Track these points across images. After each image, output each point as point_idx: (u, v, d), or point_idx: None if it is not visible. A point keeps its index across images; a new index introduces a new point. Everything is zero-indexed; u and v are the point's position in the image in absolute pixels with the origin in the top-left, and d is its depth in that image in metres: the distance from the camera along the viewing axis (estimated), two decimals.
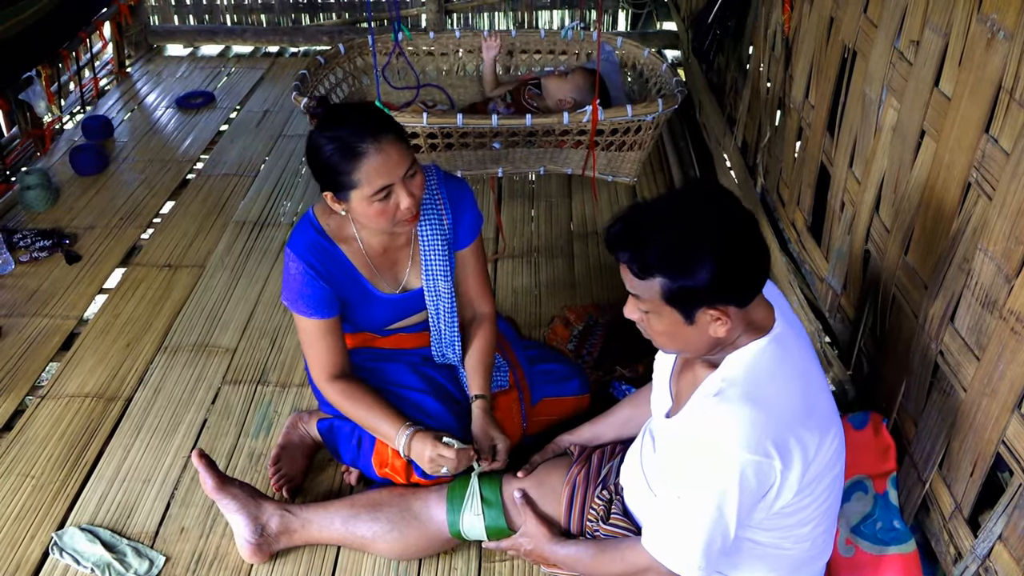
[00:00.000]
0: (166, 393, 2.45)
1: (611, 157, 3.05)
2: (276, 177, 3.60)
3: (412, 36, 3.56)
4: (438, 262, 1.96)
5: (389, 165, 1.71)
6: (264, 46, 5.06)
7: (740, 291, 1.36)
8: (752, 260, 1.36)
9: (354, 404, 1.89)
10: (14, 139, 3.78)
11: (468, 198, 2.01)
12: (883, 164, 1.99)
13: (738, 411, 1.35)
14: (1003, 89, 1.48)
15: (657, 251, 1.32)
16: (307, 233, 1.88)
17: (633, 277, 1.36)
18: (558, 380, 2.18)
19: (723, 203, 1.37)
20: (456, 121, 2.72)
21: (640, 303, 1.40)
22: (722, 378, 1.41)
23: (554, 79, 3.21)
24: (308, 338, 1.92)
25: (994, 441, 1.52)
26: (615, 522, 1.71)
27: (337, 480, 2.17)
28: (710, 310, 1.34)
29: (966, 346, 1.61)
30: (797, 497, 1.40)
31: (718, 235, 1.31)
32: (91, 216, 3.32)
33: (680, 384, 1.57)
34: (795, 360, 1.44)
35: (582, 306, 2.78)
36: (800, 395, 1.40)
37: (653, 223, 1.35)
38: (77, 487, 2.16)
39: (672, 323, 1.38)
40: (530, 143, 2.98)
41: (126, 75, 4.63)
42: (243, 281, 2.94)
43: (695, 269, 1.30)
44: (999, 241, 1.49)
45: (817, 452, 1.39)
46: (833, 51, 2.34)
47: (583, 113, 2.75)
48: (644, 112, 2.77)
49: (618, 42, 3.54)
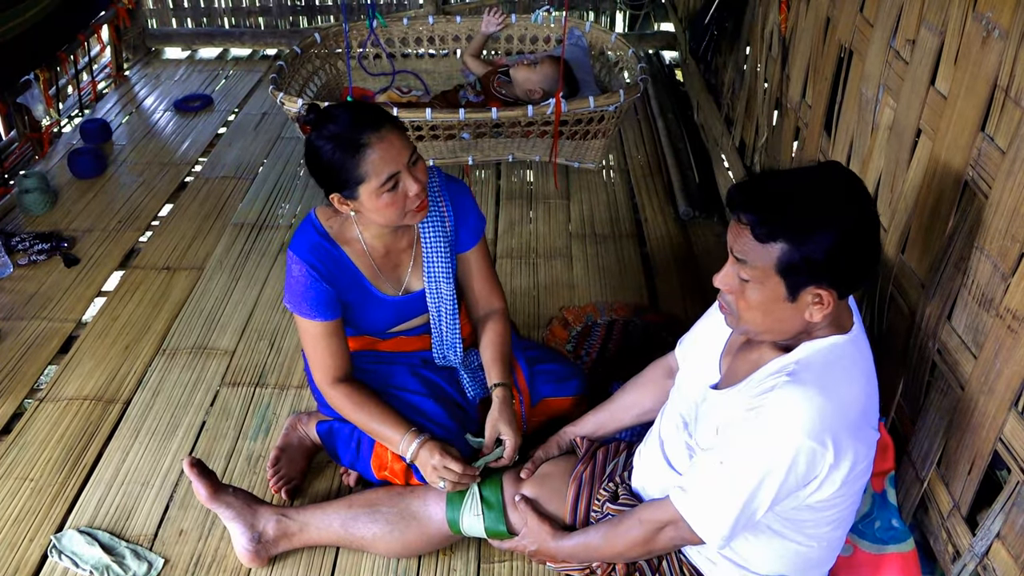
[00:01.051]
0: (165, 395, 2.45)
1: (576, 145, 3.15)
2: (274, 179, 3.60)
3: (387, 23, 3.61)
4: (440, 263, 1.96)
5: (393, 152, 1.71)
6: (262, 49, 5.06)
7: (852, 276, 1.36)
8: (870, 247, 1.36)
9: (357, 409, 1.89)
10: (12, 143, 3.78)
11: (469, 200, 2.01)
12: (880, 163, 2.00)
13: (810, 395, 1.34)
14: (999, 87, 1.48)
15: (786, 216, 1.31)
16: (309, 235, 1.87)
17: (751, 240, 1.34)
18: (557, 380, 2.18)
19: (852, 186, 1.37)
20: (425, 115, 2.81)
21: (745, 270, 1.37)
22: (796, 361, 1.41)
23: (523, 69, 3.26)
24: (311, 341, 1.91)
25: (992, 439, 1.52)
26: (624, 502, 1.71)
27: (336, 482, 2.17)
28: (817, 289, 1.34)
29: (963, 344, 1.61)
30: (834, 494, 1.40)
31: (848, 211, 1.32)
32: (89, 219, 3.32)
33: (737, 360, 1.55)
34: (867, 363, 1.45)
35: (580, 307, 2.78)
36: (864, 399, 1.41)
37: (784, 190, 1.34)
38: (76, 489, 2.16)
39: (773, 297, 1.37)
40: (498, 133, 3.06)
41: (124, 78, 4.64)
42: (241, 283, 2.94)
43: (820, 240, 1.30)
44: (995, 239, 1.49)
45: (864, 457, 1.40)
46: (830, 51, 2.34)
47: (547, 106, 2.85)
48: (606, 103, 2.86)
49: (587, 27, 3.60)
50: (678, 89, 4.42)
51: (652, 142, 3.85)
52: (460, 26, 3.75)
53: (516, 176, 3.58)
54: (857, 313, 1.50)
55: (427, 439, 1.82)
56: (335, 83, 3.68)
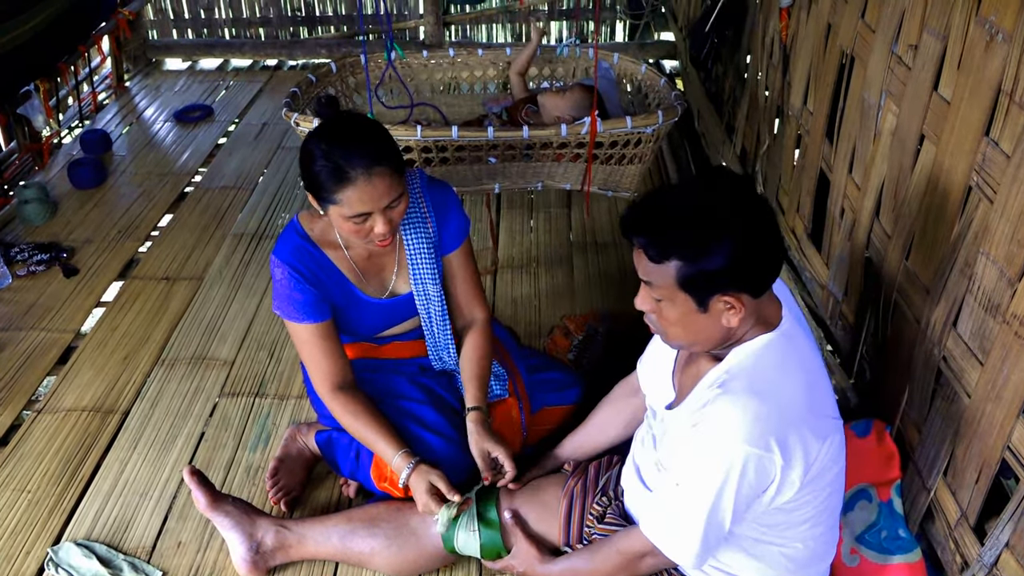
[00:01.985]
0: (163, 406, 2.43)
1: (610, 171, 3.00)
2: (274, 189, 3.59)
3: (405, 55, 3.54)
4: (425, 267, 1.96)
5: (374, 197, 1.70)
6: (262, 59, 5.07)
7: (756, 277, 1.36)
8: (768, 245, 1.35)
9: (356, 420, 1.87)
10: (12, 154, 3.78)
11: (453, 202, 2.00)
12: (883, 169, 1.98)
13: (741, 403, 1.34)
14: (1003, 92, 1.47)
15: (673, 233, 1.32)
16: (291, 239, 1.87)
17: (648, 262, 1.35)
18: (558, 389, 2.17)
19: (739, 188, 1.37)
20: (451, 134, 2.68)
21: (653, 290, 1.39)
22: (726, 370, 1.40)
23: (551, 96, 3.16)
24: (304, 345, 1.90)
25: (999, 447, 1.50)
26: (610, 521, 1.70)
27: (336, 493, 2.15)
28: (724, 296, 1.33)
29: (969, 351, 1.59)
30: (797, 494, 1.39)
31: (735, 218, 1.31)
32: (89, 230, 3.31)
33: (684, 377, 1.56)
34: (801, 356, 1.44)
35: (582, 315, 2.76)
36: (804, 392, 1.39)
37: (669, 207, 1.35)
38: (73, 501, 2.14)
39: (685, 311, 1.37)
40: (527, 156, 2.93)
41: (125, 89, 4.64)
42: (241, 293, 2.92)
43: (712, 251, 1.30)
44: (1001, 245, 1.48)
45: (819, 451, 1.38)
46: (831, 57, 2.33)
47: (581, 124, 2.71)
48: (644, 124, 2.71)
49: (614, 58, 3.49)
50: None
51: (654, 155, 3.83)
52: (482, 59, 3.63)
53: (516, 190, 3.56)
54: (789, 301, 1.49)
55: (417, 464, 1.80)
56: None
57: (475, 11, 5.21)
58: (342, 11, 5.24)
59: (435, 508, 1.76)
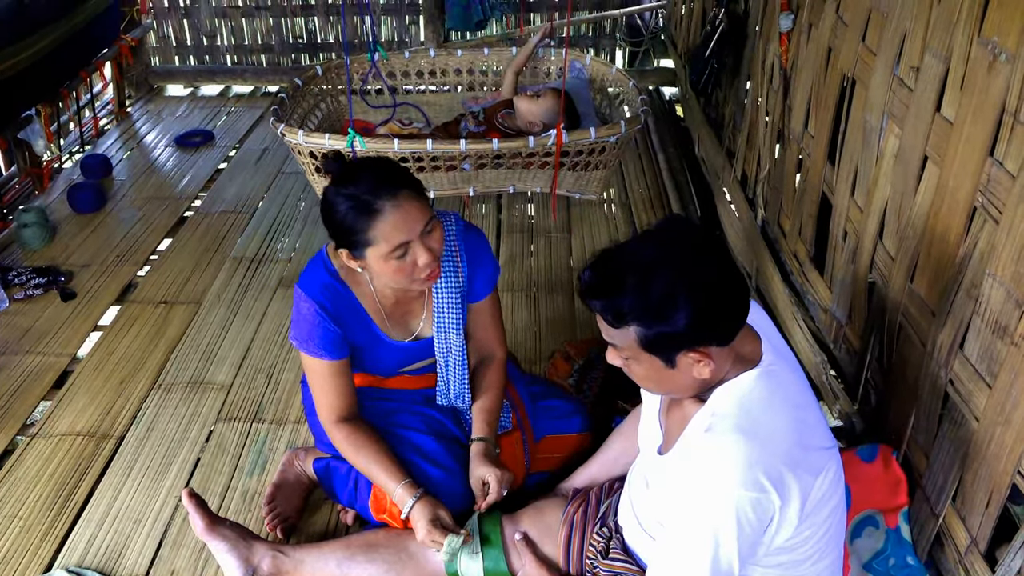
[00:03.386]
0: (159, 431, 2.40)
1: (577, 176, 3.17)
2: (274, 214, 3.59)
3: (388, 56, 3.66)
4: (451, 315, 1.92)
5: (407, 222, 1.67)
6: (264, 86, 5.10)
7: (719, 331, 1.32)
8: (728, 298, 1.31)
9: (356, 451, 1.85)
10: (12, 178, 3.78)
11: (486, 250, 1.97)
12: (885, 192, 1.97)
13: (729, 445, 1.30)
14: (1007, 112, 1.47)
15: (629, 298, 1.28)
16: (320, 273, 1.84)
17: (608, 326, 1.33)
18: (561, 417, 2.13)
19: (696, 243, 1.33)
20: (426, 146, 2.84)
21: (618, 351, 1.36)
22: (712, 412, 1.36)
23: (525, 100, 3.29)
24: (317, 380, 1.87)
25: (1009, 472, 1.47)
26: (615, 556, 1.66)
27: (333, 520, 2.12)
28: (691, 353, 1.30)
29: (977, 374, 1.57)
30: (796, 531, 1.35)
31: (691, 276, 1.27)
32: (87, 254, 3.30)
33: (670, 420, 1.53)
34: (787, 390, 1.40)
35: (583, 340, 2.74)
36: (794, 426, 1.35)
37: (623, 269, 1.31)
38: (66, 528, 2.10)
39: (653, 368, 1.34)
40: (499, 164, 3.07)
41: (126, 115, 4.65)
42: (239, 317, 2.90)
43: (669, 314, 1.26)
44: (1008, 265, 1.46)
45: (814, 485, 1.34)
46: (832, 81, 2.33)
47: (548, 137, 2.88)
48: (608, 134, 2.89)
49: (587, 60, 3.65)
50: (679, 124, 4.43)
51: (653, 176, 3.84)
52: (461, 59, 3.79)
53: (517, 210, 3.57)
54: (767, 330, 1.45)
55: (421, 496, 1.77)
56: (336, 115, 3.70)
57: (475, 39, 5.24)
58: (343, 38, 5.26)
59: (439, 539, 1.72)
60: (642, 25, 5.16)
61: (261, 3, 5.08)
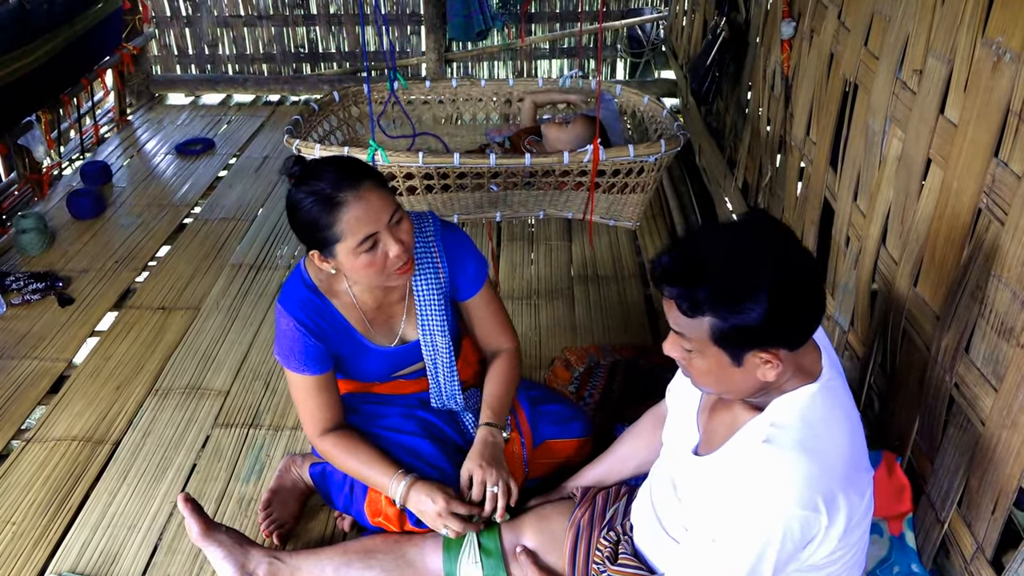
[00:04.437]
0: (156, 436, 2.38)
1: (612, 200, 2.98)
2: (274, 221, 3.57)
3: (408, 85, 3.54)
4: (434, 316, 1.91)
5: (371, 212, 1.66)
6: (265, 95, 5.10)
7: (795, 332, 1.28)
8: (808, 301, 1.28)
9: (346, 455, 1.83)
10: (11, 184, 3.77)
11: (467, 246, 1.95)
12: (888, 196, 1.96)
13: (792, 462, 1.27)
14: (1011, 112, 1.45)
15: (709, 288, 1.24)
16: (298, 289, 1.83)
17: (680, 315, 1.28)
18: (561, 422, 2.11)
19: (780, 238, 1.29)
20: (453, 160, 2.67)
21: (685, 341, 1.32)
22: (771, 423, 1.33)
23: (554, 127, 3.14)
24: (300, 394, 1.86)
25: (1016, 476, 1.45)
26: (624, 562, 1.63)
27: (330, 526, 2.09)
28: (761, 352, 1.27)
29: (982, 377, 1.55)
30: (832, 550, 1.33)
31: (774, 273, 1.23)
32: (86, 259, 3.29)
33: (713, 421, 1.49)
34: (845, 408, 1.37)
35: (583, 347, 2.72)
36: (849, 446, 1.32)
37: (705, 257, 1.27)
38: (59, 534, 2.08)
39: (718, 364, 1.31)
40: (529, 184, 2.92)
41: (127, 123, 4.65)
42: (238, 323, 2.88)
43: (748, 309, 1.22)
44: (1013, 267, 1.44)
45: (859, 506, 1.32)
46: (834, 86, 2.32)
47: (584, 152, 2.70)
48: (647, 153, 2.70)
49: (617, 90, 3.49)
50: None
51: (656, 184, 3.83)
52: (484, 89, 3.64)
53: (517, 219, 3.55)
54: (826, 346, 1.42)
55: (415, 480, 1.75)
56: (354, 143, 3.61)
57: (476, 49, 5.26)
58: (344, 48, 5.28)
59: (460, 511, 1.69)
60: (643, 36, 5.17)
61: (263, 13, 5.10)
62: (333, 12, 5.11)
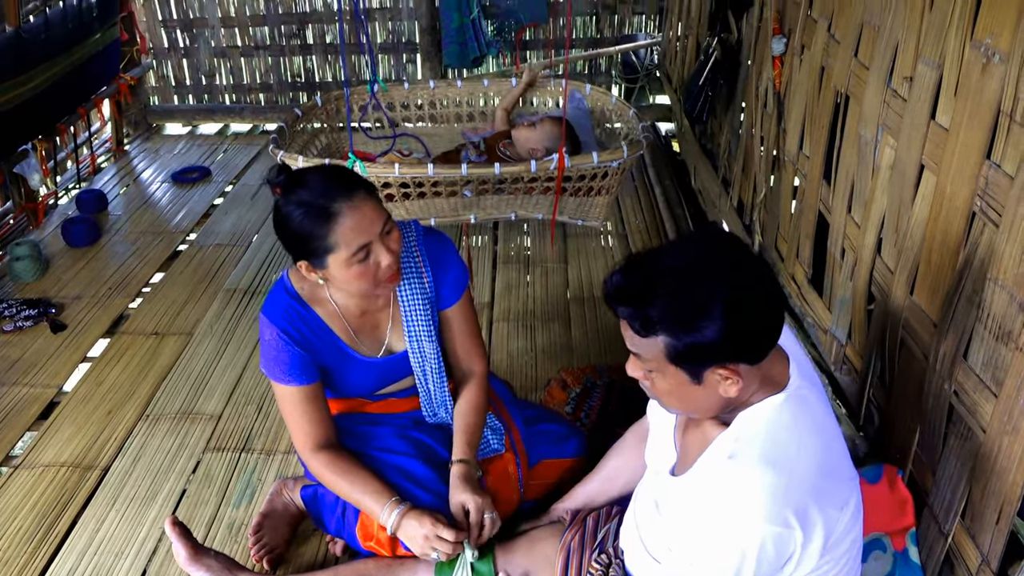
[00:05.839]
0: (145, 462, 2.35)
1: (580, 202, 3.14)
2: (269, 247, 3.56)
3: (387, 88, 3.69)
4: (421, 323, 1.88)
5: (365, 223, 1.64)
6: (262, 124, 5.12)
7: (752, 348, 1.25)
8: (765, 314, 1.25)
9: (337, 476, 1.79)
10: (7, 213, 3.77)
11: (450, 253, 1.93)
12: (882, 204, 1.94)
13: (756, 476, 1.23)
14: (1002, 113, 1.44)
15: (660, 307, 1.21)
16: (281, 298, 1.80)
17: (634, 335, 1.26)
18: (556, 441, 2.08)
19: (732, 251, 1.26)
20: (427, 171, 2.81)
21: (643, 362, 1.30)
22: (736, 438, 1.30)
23: (523, 129, 3.30)
24: (287, 407, 1.82)
25: (1019, 484, 1.41)
26: None
27: (322, 551, 2.05)
28: (719, 369, 1.24)
29: (982, 383, 1.52)
30: (816, 565, 1.29)
31: (727, 288, 1.20)
32: (79, 286, 3.27)
33: (686, 440, 1.46)
34: (814, 416, 1.33)
35: (580, 368, 2.69)
36: (820, 456, 1.29)
37: (655, 275, 1.24)
38: (45, 560, 2.04)
39: (678, 383, 1.28)
40: (500, 190, 3.05)
41: (124, 152, 4.67)
42: (231, 347, 2.86)
43: (702, 326, 1.19)
44: (1010, 268, 1.42)
45: (838, 519, 1.28)
46: (825, 99, 2.32)
47: (550, 161, 2.85)
48: (610, 158, 2.87)
49: (587, 89, 3.65)
50: (675, 159, 4.44)
51: (650, 208, 3.83)
52: (460, 91, 3.80)
53: (513, 241, 3.55)
54: (796, 353, 1.38)
55: (408, 509, 1.71)
56: (335, 147, 3.70)
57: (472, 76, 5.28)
58: (341, 77, 5.30)
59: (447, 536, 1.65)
60: (637, 62, 5.19)
61: (260, 43, 5.13)
62: (329, 42, 5.14)
